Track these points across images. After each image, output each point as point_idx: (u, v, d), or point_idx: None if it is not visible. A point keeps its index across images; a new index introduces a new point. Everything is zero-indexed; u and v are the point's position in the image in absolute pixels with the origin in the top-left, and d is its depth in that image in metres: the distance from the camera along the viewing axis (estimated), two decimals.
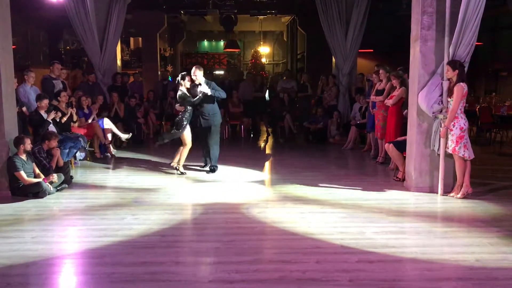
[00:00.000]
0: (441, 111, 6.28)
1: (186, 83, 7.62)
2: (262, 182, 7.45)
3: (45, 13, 14.48)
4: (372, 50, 16.38)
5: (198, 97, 7.53)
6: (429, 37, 6.34)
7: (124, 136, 9.72)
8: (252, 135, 12.80)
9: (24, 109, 7.59)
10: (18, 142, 6.36)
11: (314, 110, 12.25)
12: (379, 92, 8.52)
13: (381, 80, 8.62)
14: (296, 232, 4.88)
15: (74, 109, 8.68)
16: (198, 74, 7.54)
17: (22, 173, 6.27)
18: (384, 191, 6.68)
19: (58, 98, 8.41)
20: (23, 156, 6.38)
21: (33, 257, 4.25)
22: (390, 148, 7.39)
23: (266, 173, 8.24)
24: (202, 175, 7.77)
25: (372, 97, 8.79)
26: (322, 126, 11.41)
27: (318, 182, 7.12)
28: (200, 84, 7.58)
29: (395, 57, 13.13)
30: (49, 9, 12.91)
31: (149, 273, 3.91)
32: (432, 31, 6.32)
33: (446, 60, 6.18)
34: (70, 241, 4.78)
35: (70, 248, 4.55)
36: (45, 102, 7.73)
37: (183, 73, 7.79)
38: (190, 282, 3.75)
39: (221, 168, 8.21)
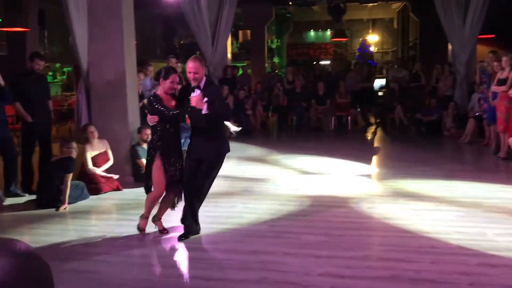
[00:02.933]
0: None
1: (167, 84, 4.53)
2: (371, 176, 7.25)
3: (161, 10, 15.40)
4: (493, 36, 15.08)
5: (182, 109, 4.44)
6: None
7: (233, 129, 10.02)
8: (359, 127, 12.50)
9: (145, 101, 8.15)
10: (138, 132, 6.86)
11: (427, 100, 11.63)
12: (502, 82, 7.83)
13: (503, 68, 7.91)
14: (409, 230, 4.68)
15: None
16: (200, 71, 4.40)
17: (144, 160, 6.73)
18: (508, 189, 6.14)
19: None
20: (144, 145, 6.86)
21: (153, 240, 4.56)
22: None
23: (375, 166, 8.01)
24: (309, 166, 7.74)
25: (494, 87, 8.11)
26: (436, 117, 10.77)
27: (432, 178, 6.76)
28: (198, 88, 4.43)
29: None
30: (165, 6, 13.71)
31: (259, 262, 4.00)
32: None
33: None
34: None
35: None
36: None
37: (166, 68, 4.83)
38: (299, 274, 3.77)
39: (327, 160, 8.13)
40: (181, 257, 4.34)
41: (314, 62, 22.44)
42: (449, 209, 5.31)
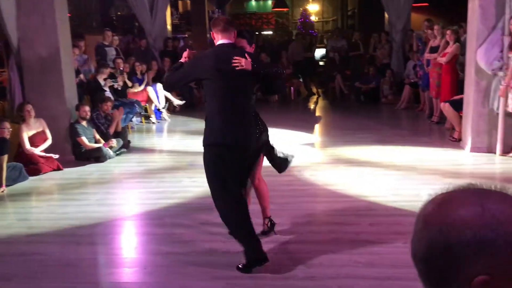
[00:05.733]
0: (501, 68, 5.99)
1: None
2: (313, 144, 7.45)
3: None
4: (427, 4, 15.62)
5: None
6: None
7: (176, 102, 9.92)
8: (302, 97, 12.69)
9: (81, 76, 7.88)
10: (76, 109, 6.67)
11: (366, 69, 11.96)
12: (434, 49, 8.19)
13: (435, 37, 8.26)
14: (349, 195, 4.90)
15: (125, 74, 8.89)
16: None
17: (84, 138, 6.58)
18: (440, 151, 6.53)
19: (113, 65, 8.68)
20: (84, 123, 6.68)
21: (99, 218, 4.51)
22: (446, 107, 7.16)
23: (317, 135, 8.23)
24: None
25: (426, 55, 8.47)
26: (375, 85, 11.13)
27: (371, 144, 7.05)
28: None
29: (452, 12, 12.49)
30: None
31: (207, 233, 4.08)
32: None
33: (508, 13, 5.83)
34: (131, 203, 5.03)
35: (131, 210, 4.80)
36: (107, 71, 8.00)
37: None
38: None
39: (271, 131, 8.22)
40: (130, 235, 4.33)
41: (256, 33, 22.36)
42: (386, 173, 5.59)
